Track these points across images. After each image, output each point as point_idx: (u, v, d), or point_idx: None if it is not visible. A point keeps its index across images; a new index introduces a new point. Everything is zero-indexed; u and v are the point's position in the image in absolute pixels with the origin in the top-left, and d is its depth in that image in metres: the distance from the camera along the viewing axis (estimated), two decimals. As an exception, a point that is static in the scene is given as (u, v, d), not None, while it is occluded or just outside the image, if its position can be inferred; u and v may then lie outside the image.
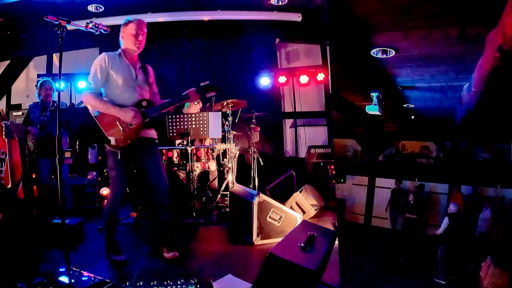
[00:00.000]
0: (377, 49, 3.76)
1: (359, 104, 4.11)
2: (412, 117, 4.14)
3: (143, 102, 4.36)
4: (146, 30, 4.44)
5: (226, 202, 6.97)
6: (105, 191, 8.42)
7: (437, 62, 3.68)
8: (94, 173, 7.75)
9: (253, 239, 5.11)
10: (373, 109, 3.96)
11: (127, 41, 4.40)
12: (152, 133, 4.58)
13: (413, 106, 4.10)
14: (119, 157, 4.30)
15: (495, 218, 3.68)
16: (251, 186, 7.62)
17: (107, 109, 4.29)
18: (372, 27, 3.71)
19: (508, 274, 2.74)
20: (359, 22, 3.69)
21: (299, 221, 5.12)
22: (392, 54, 3.73)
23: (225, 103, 7.42)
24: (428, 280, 3.81)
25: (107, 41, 9.34)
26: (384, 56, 3.75)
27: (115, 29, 4.39)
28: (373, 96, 3.96)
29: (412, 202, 4.03)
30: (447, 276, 3.70)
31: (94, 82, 4.31)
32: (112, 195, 4.48)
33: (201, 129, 6.39)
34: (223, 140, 7.73)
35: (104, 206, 4.63)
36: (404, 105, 4.12)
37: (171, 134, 6.15)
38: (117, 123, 4.30)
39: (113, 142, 4.26)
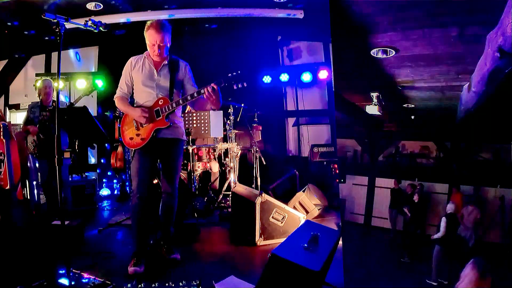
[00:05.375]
0: (377, 49, 3.74)
1: (359, 104, 4.10)
2: (412, 117, 4.12)
3: (160, 101, 4.31)
4: (167, 39, 4.30)
5: (228, 202, 6.97)
6: (104, 191, 8.44)
7: (437, 62, 3.66)
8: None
9: (256, 240, 5.10)
10: (373, 109, 3.95)
11: (148, 47, 4.36)
12: (175, 133, 4.48)
13: (413, 106, 4.09)
14: (132, 155, 4.39)
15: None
16: (253, 185, 7.61)
17: (125, 109, 4.50)
18: (372, 27, 3.69)
19: (488, 281, 2.67)
20: (359, 22, 3.68)
21: (303, 221, 5.10)
22: (392, 54, 3.71)
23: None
24: (429, 280, 3.81)
25: (107, 39, 9.41)
26: (384, 56, 3.74)
27: (115, 27, 4.37)
28: (373, 96, 3.94)
29: (416, 201, 4.02)
30: (439, 278, 3.68)
31: (121, 86, 4.50)
32: (132, 191, 4.46)
33: (203, 128, 6.38)
34: (225, 139, 7.72)
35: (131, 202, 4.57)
36: (404, 105, 4.10)
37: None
38: (133, 122, 4.40)
39: (130, 140, 4.41)
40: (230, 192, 6.57)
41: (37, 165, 5.97)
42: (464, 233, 3.70)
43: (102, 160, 9.63)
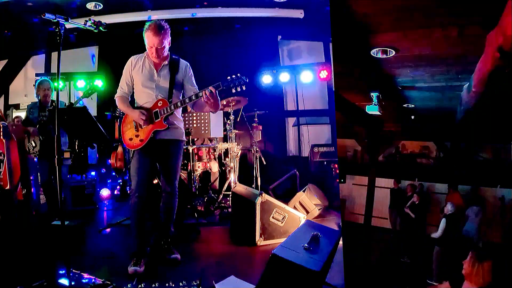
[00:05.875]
0: (377, 49, 3.74)
1: (359, 104, 4.10)
2: (412, 117, 4.12)
3: (159, 102, 4.28)
4: (166, 42, 4.24)
5: (228, 202, 6.96)
6: (105, 191, 8.43)
7: (437, 62, 3.66)
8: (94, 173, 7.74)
9: (256, 240, 5.09)
10: (373, 109, 3.95)
11: (147, 48, 4.30)
12: (174, 134, 4.46)
13: (413, 106, 4.09)
14: (132, 155, 4.39)
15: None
16: (253, 185, 7.58)
17: (124, 110, 4.48)
18: (372, 27, 3.69)
19: (485, 264, 2.82)
20: (359, 22, 3.67)
21: (303, 221, 5.09)
22: (392, 54, 3.71)
23: (225, 102, 7.37)
24: (429, 280, 3.81)
25: (107, 39, 9.38)
26: (384, 56, 3.73)
27: (115, 27, 4.34)
28: (373, 96, 3.94)
29: (417, 202, 4.02)
30: (440, 279, 3.69)
31: (121, 85, 4.48)
32: (131, 191, 4.44)
33: (203, 128, 6.38)
34: (225, 139, 7.70)
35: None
36: (404, 105, 4.10)
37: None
38: (133, 123, 4.39)
39: (129, 141, 4.41)
40: (230, 192, 6.55)
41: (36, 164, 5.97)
42: (471, 234, 3.71)
43: (106, 161, 9.59)
